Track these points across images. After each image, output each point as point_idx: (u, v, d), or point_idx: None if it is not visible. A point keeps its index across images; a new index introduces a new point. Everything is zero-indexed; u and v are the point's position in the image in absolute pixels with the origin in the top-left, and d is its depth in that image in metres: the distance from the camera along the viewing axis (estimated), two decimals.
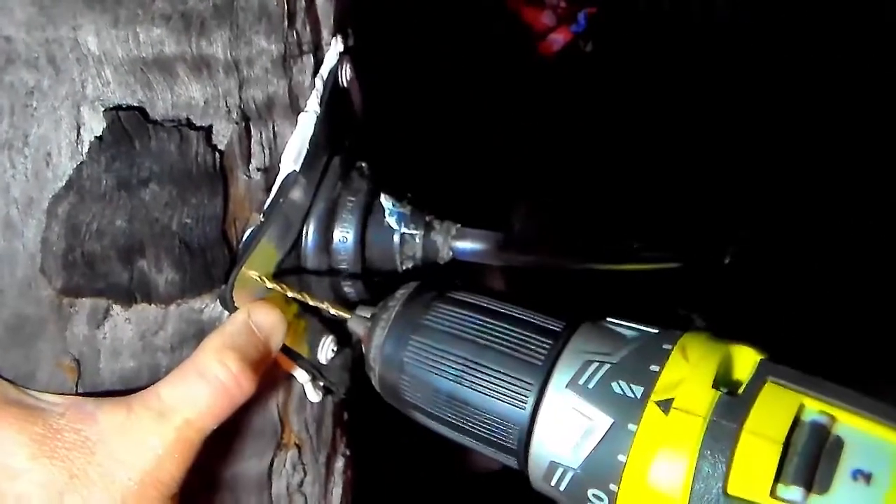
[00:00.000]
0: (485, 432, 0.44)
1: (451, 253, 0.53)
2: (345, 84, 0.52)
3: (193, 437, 0.44)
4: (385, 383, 0.48)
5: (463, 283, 0.50)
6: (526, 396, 0.42)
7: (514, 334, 0.45)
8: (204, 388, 0.45)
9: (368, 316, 0.50)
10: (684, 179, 1.19)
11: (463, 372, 0.45)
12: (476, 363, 0.44)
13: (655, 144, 1.20)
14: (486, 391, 0.44)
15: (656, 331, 0.43)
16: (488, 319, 0.46)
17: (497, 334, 0.45)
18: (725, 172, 1.21)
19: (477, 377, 0.44)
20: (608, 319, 0.45)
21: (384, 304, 0.49)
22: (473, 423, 0.45)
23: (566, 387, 0.41)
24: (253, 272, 0.48)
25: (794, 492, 0.35)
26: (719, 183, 1.20)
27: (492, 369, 0.44)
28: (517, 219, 1.05)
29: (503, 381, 0.43)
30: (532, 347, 0.43)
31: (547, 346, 0.43)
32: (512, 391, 0.43)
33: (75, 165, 0.43)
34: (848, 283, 1.14)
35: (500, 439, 0.44)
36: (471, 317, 0.46)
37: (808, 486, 0.35)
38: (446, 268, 0.54)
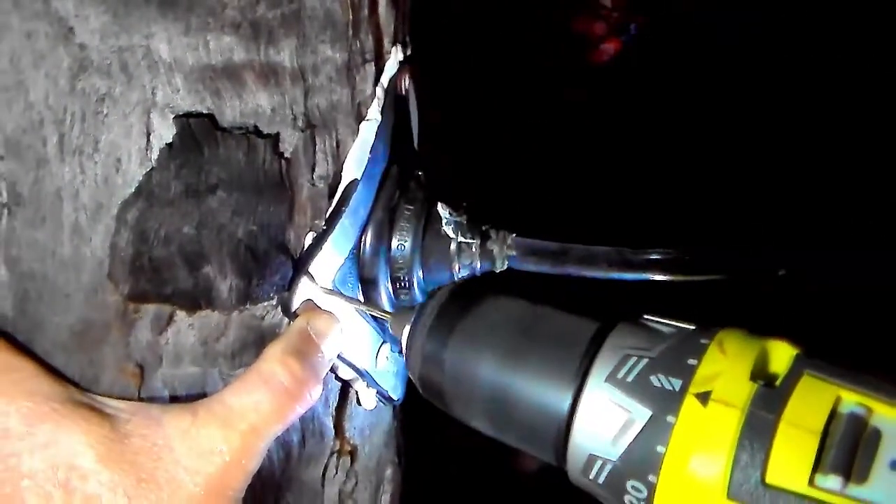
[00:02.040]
0: (524, 428, 0.45)
1: (506, 262, 0.53)
2: (403, 93, 0.52)
3: (259, 443, 0.44)
4: (425, 381, 0.48)
5: (500, 284, 0.50)
6: (565, 391, 0.43)
7: (553, 331, 0.45)
8: (268, 394, 0.45)
9: (409, 316, 0.50)
10: (719, 188, 1.19)
11: (502, 368, 0.45)
12: (515, 359, 0.45)
13: (689, 154, 1.20)
14: (525, 387, 0.44)
15: (693, 327, 0.43)
16: (527, 317, 0.46)
17: (536, 331, 0.45)
18: (762, 181, 1.20)
19: (516, 373, 0.44)
20: (645, 317, 0.45)
21: (423, 304, 0.49)
22: (513, 419, 0.45)
23: (605, 381, 0.42)
24: (314, 279, 0.48)
25: (832, 481, 0.35)
26: (754, 191, 1.20)
27: (531, 365, 0.44)
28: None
29: (542, 376, 0.44)
30: (570, 343, 0.44)
31: (585, 342, 0.43)
32: (551, 386, 0.43)
33: (145, 172, 0.43)
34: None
35: (538, 434, 0.44)
36: (509, 315, 0.46)
37: (847, 476, 0.35)
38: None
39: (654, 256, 0.53)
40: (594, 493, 0.43)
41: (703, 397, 0.38)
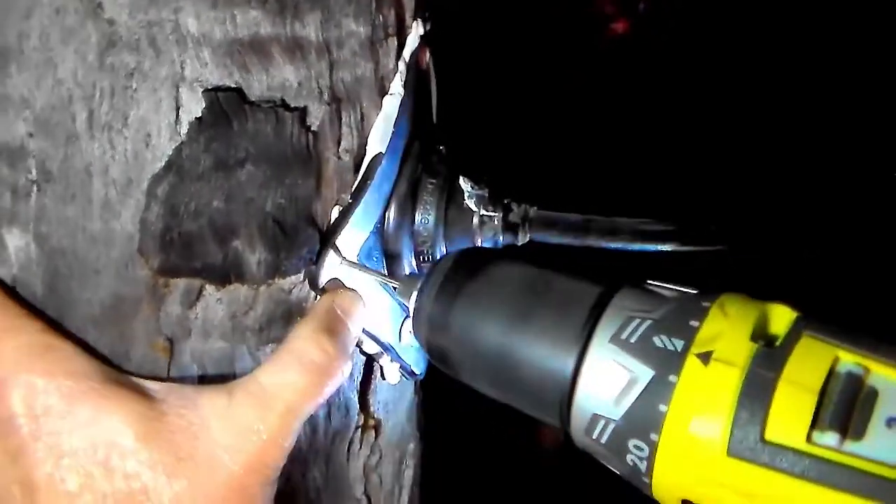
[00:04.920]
0: (528, 390, 0.45)
1: (528, 235, 0.53)
2: (424, 67, 0.53)
3: (295, 421, 0.45)
4: (433, 346, 0.49)
5: (505, 250, 0.50)
6: (569, 352, 0.43)
7: (557, 294, 0.45)
8: (302, 372, 0.45)
9: (416, 282, 0.50)
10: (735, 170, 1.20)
11: (506, 330, 0.45)
12: (519, 321, 0.45)
13: (695, 128, 1.21)
14: (530, 349, 0.44)
15: (696, 291, 0.43)
16: (531, 281, 0.46)
17: (540, 294, 0.45)
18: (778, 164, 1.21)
19: (520, 335, 0.45)
20: (648, 282, 0.45)
21: (430, 270, 0.50)
22: (517, 382, 0.45)
23: (609, 341, 0.42)
24: (340, 253, 0.48)
25: (829, 437, 0.36)
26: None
27: (535, 327, 0.44)
28: None
29: (546, 338, 0.44)
30: (574, 306, 0.44)
31: (589, 305, 0.44)
32: (555, 348, 0.43)
33: (174, 146, 0.44)
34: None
35: (543, 396, 0.44)
36: (515, 278, 0.47)
37: (844, 433, 0.36)
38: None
39: (675, 228, 0.53)
40: (597, 453, 0.43)
41: (705, 357, 0.39)
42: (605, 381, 0.42)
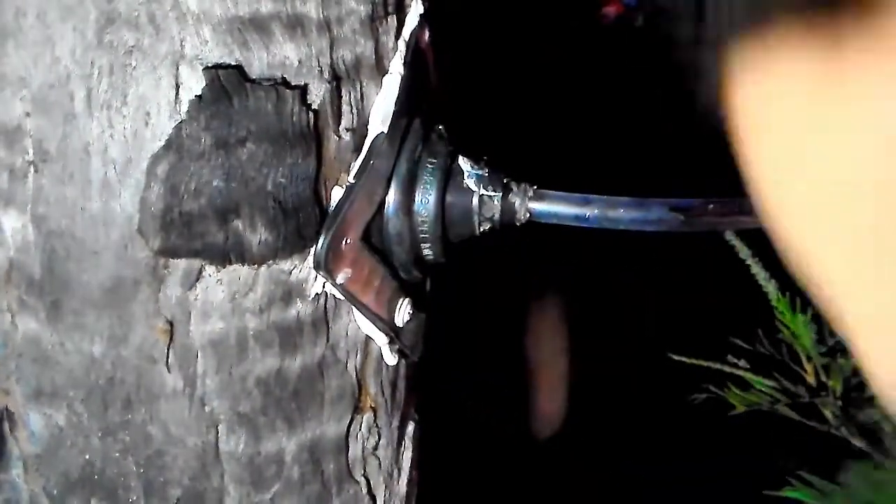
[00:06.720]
0: None
1: (528, 215, 0.53)
2: (424, 46, 0.52)
3: None
4: None
5: None
6: None
7: None
8: None
9: None
10: None
11: None
12: None
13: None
14: None
15: None
16: None
17: None
18: None
19: None
20: None
21: None
22: None
23: None
24: (342, 234, 0.48)
25: None
26: None
27: None
28: None
29: None
30: None
31: None
32: None
33: (174, 125, 0.43)
34: None
35: None
36: None
37: None
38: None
39: (676, 207, 0.53)
40: None
41: None
42: None
